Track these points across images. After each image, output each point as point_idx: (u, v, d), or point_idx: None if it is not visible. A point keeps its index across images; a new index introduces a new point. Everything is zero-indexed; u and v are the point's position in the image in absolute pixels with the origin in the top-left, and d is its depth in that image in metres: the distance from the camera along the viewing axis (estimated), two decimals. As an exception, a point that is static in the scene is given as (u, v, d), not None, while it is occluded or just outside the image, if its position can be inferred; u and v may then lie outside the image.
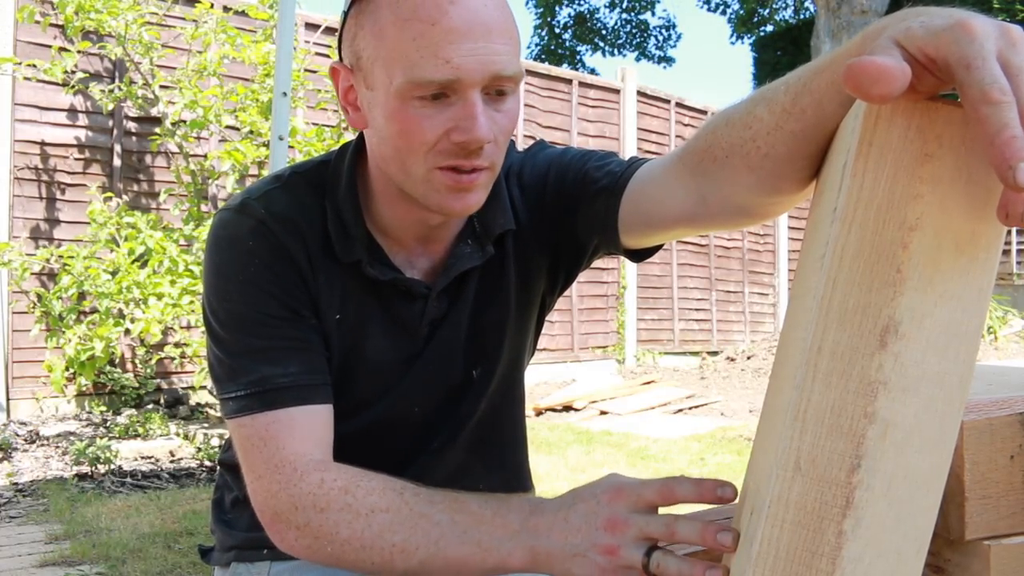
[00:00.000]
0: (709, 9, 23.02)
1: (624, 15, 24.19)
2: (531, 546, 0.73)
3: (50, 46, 4.98)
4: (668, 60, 24.09)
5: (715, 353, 9.14)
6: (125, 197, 5.28)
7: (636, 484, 0.71)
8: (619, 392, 6.55)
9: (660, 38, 24.17)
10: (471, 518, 0.76)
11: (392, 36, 0.79)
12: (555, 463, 4.21)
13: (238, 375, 0.87)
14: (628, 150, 8.21)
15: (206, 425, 4.88)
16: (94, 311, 4.72)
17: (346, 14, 0.85)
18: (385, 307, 0.95)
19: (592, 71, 22.99)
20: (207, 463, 4.02)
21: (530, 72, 7.65)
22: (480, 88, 0.79)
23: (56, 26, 4.93)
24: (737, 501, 0.67)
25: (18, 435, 4.54)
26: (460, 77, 0.77)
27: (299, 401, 0.86)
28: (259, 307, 0.88)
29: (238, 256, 0.89)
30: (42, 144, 5.15)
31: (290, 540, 0.82)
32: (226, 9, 5.35)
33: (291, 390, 0.86)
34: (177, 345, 5.22)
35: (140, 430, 4.59)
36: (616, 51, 24.22)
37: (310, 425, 0.86)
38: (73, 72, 4.83)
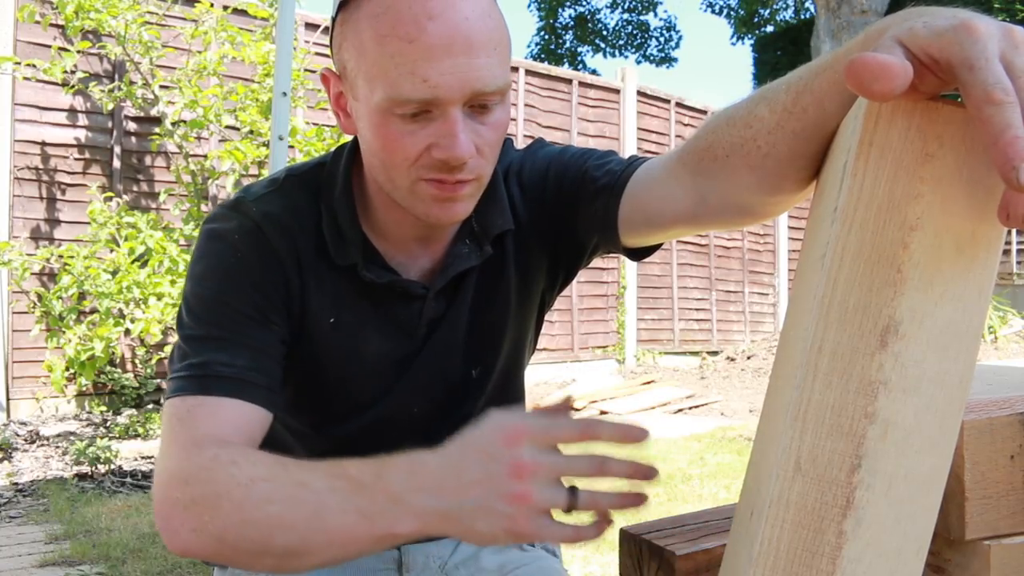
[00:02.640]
0: (714, 12, 23.04)
1: (625, 16, 24.21)
2: (419, 510, 0.67)
3: (50, 46, 4.98)
4: (669, 61, 24.08)
5: (715, 353, 9.14)
6: (125, 197, 5.27)
7: (535, 423, 0.67)
8: (619, 392, 6.55)
9: (661, 39, 24.17)
10: (350, 484, 0.69)
11: (372, 52, 0.77)
12: (555, 463, 4.20)
13: (186, 357, 0.84)
14: (628, 150, 8.21)
15: (206, 425, 4.87)
16: (94, 311, 4.72)
17: (334, 20, 0.84)
18: (382, 309, 0.94)
19: (593, 72, 22.98)
20: (207, 463, 4.02)
21: (530, 72, 7.65)
22: (461, 104, 0.78)
23: (56, 26, 4.93)
24: (737, 501, 0.66)
25: (18, 435, 4.54)
26: (439, 96, 0.76)
27: (234, 393, 0.82)
28: (228, 300, 0.86)
29: (222, 250, 0.88)
30: (42, 144, 5.15)
31: (175, 525, 0.74)
32: (225, 8, 5.35)
33: (229, 380, 0.82)
34: (177, 345, 5.21)
35: (140, 430, 4.59)
36: (617, 52, 24.23)
37: (236, 418, 0.81)
38: (73, 72, 4.83)
